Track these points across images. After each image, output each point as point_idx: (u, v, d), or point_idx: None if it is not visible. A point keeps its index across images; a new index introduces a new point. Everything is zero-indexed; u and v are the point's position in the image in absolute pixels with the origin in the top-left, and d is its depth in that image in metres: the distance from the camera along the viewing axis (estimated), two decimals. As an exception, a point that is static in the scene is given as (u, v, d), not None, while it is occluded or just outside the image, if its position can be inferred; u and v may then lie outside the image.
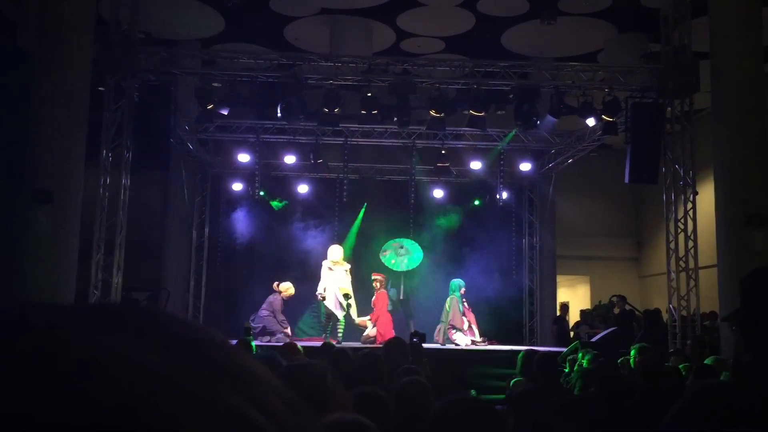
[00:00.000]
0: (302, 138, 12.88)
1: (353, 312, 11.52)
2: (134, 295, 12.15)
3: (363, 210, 13.81)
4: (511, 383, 6.45)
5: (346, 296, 11.26)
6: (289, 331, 11.57)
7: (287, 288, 11.77)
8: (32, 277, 8.56)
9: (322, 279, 11.45)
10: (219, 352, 0.39)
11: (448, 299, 11.64)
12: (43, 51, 9.16)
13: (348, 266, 11.65)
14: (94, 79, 9.56)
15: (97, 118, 9.75)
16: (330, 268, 11.47)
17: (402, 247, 12.74)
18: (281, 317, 11.52)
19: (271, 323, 11.42)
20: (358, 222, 13.88)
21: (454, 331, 11.36)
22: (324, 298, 11.26)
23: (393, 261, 12.55)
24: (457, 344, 11.20)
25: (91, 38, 9.40)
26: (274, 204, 13.80)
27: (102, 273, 9.67)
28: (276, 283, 11.83)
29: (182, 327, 0.40)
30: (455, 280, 11.78)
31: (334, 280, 11.32)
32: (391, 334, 10.62)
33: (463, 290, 11.65)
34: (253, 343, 8.21)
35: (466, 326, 11.47)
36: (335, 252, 11.65)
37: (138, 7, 10.15)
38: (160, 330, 0.39)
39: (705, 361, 5.77)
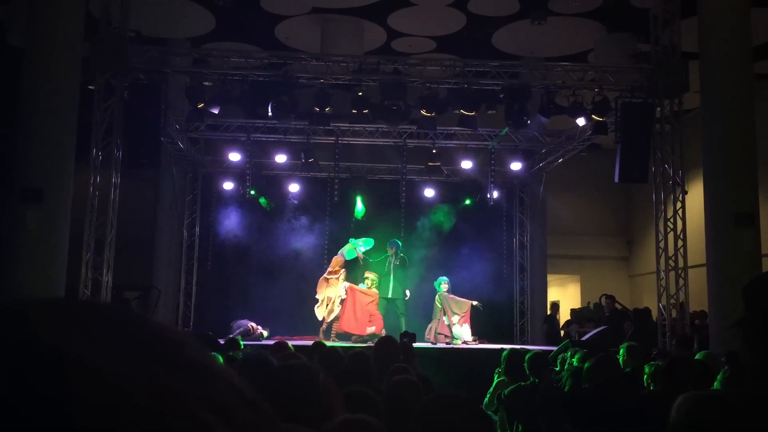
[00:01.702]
0: (293, 137, 12.86)
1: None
2: (125, 294, 12.12)
3: (361, 199, 13.76)
4: (495, 382, 6.48)
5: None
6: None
7: None
8: (22, 276, 8.53)
9: (319, 290, 11.88)
10: (177, 350, 0.40)
11: (437, 296, 11.74)
12: (33, 49, 9.12)
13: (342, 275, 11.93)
14: (84, 77, 9.53)
15: (88, 117, 9.71)
16: (326, 278, 11.71)
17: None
18: None
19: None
20: (361, 212, 13.81)
21: (455, 318, 11.49)
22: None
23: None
24: (462, 340, 11.33)
25: (81, 36, 9.36)
26: (262, 201, 13.80)
27: (92, 272, 9.63)
28: None
29: (140, 325, 0.41)
30: (438, 278, 11.93)
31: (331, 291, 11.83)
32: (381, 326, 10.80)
33: (445, 285, 11.73)
34: (242, 342, 8.23)
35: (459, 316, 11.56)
36: (333, 262, 11.97)
37: (128, 5, 10.10)
38: (115, 328, 0.39)
39: (696, 357, 5.80)
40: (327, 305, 11.78)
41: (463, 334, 11.42)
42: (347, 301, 11.66)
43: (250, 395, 0.41)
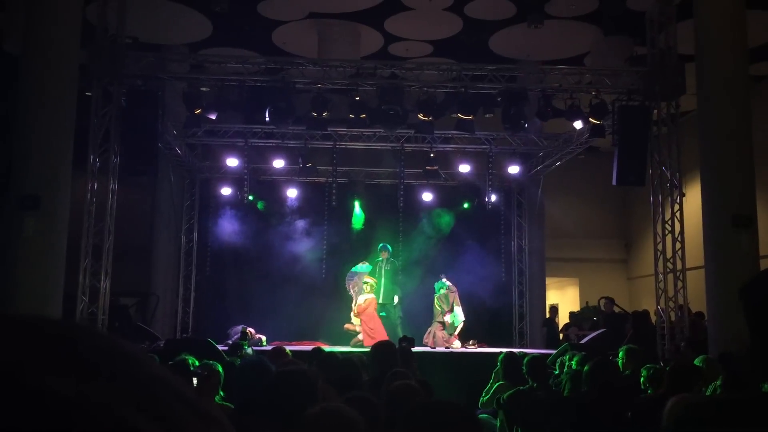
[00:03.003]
0: (291, 142, 12.86)
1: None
2: (123, 301, 12.10)
3: (359, 204, 13.77)
4: (494, 386, 6.47)
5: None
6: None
7: None
8: (20, 284, 8.50)
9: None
10: (123, 364, 0.40)
11: (435, 299, 11.74)
12: (30, 56, 9.11)
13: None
14: (81, 84, 9.52)
15: (85, 124, 9.70)
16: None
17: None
18: None
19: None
20: (360, 218, 13.81)
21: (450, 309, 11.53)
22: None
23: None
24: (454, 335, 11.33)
25: (78, 43, 9.35)
26: (259, 205, 13.80)
27: (90, 278, 9.61)
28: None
29: (84, 338, 0.40)
30: (440, 281, 11.90)
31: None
32: (383, 337, 10.66)
33: (444, 291, 11.70)
34: (248, 348, 8.22)
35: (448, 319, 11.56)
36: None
37: (125, 11, 10.11)
38: (58, 341, 0.39)
39: (695, 362, 5.79)
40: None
41: (458, 316, 11.44)
42: (370, 322, 11.64)
43: (204, 407, 0.41)
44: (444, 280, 11.85)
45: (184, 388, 0.41)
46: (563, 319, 16.25)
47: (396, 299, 12.18)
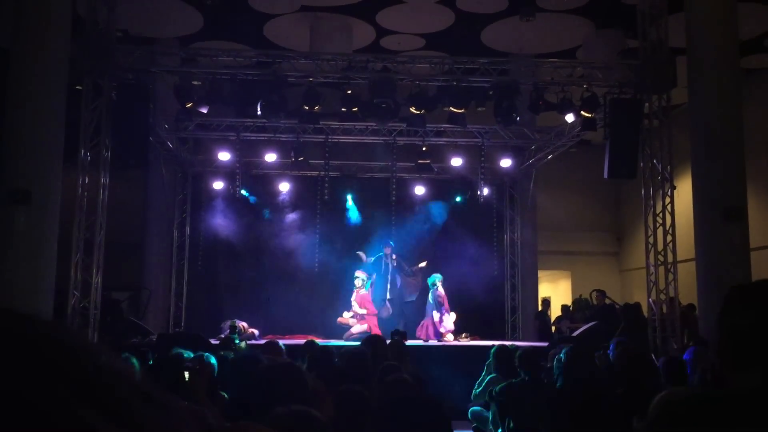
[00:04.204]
0: (283, 136, 12.83)
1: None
2: (115, 295, 12.07)
3: (351, 198, 13.76)
4: (486, 379, 6.49)
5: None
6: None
7: None
8: (10, 278, 8.46)
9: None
10: (73, 357, 0.40)
11: (430, 294, 11.75)
12: (20, 49, 9.05)
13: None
14: (71, 77, 9.46)
15: (75, 117, 9.64)
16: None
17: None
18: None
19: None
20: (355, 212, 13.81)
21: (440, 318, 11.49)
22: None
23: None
24: (447, 331, 11.30)
25: (68, 36, 9.29)
26: (252, 199, 13.78)
27: (82, 273, 9.58)
28: None
29: (40, 333, 0.40)
30: (432, 275, 11.89)
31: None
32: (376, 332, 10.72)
33: (438, 283, 11.67)
34: (238, 341, 8.22)
35: (436, 318, 11.53)
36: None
37: (115, 4, 10.05)
38: (11, 336, 0.40)
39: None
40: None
41: (447, 323, 11.42)
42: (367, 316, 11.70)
43: (159, 397, 0.41)
44: (437, 284, 11.77)
45: (140, 381, 0.41)
46: (555, 312, 16.31)
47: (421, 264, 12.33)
